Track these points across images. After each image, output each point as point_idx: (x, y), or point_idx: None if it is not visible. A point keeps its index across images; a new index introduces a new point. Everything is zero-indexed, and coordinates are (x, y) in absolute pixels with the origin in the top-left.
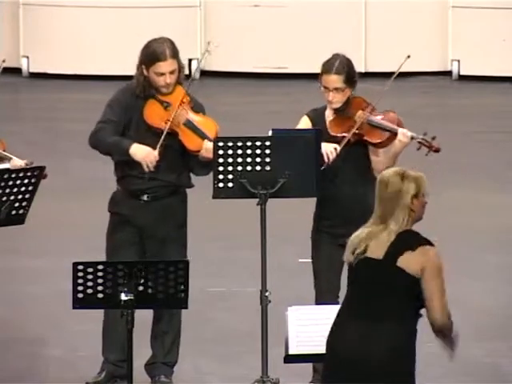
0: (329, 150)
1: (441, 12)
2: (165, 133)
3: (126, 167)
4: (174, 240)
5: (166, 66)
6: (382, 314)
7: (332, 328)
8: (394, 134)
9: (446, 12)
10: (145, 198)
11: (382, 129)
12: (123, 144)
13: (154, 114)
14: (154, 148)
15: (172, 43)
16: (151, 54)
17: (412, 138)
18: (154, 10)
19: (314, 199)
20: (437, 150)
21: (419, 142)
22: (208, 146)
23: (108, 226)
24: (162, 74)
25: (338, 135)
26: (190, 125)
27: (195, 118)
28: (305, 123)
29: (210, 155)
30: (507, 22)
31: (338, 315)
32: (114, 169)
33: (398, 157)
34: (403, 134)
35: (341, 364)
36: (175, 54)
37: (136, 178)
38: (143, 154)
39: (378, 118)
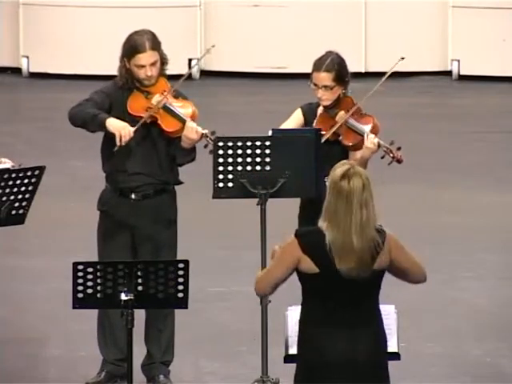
0: None
1: (441, 12)
2: (143, 120)
3: (113, 160)
4: (165, 241)
5: (145, 57)
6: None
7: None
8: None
9: (445, 12)
10: (134, 196)
11: (357, 132)
12: (101, 116)
13: (136, 104)
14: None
15: (153, 35)
16: (131, 47)
17: (379, 145)
18: (154, 10)
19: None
20: (399, 161)
21: (384, 151)
22: (189, 125)
23: (98, 226)
24: (143, 67)
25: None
26: (167, 108)
27: (173, 102)
28: (296, 115)
29: (192, 136)
30: (507, 21)
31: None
32: (102, 165)
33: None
34: (370, 140)
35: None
36: (155, 45)
37: (123, 174)
38: (119, 125)
39: (354, 121)
